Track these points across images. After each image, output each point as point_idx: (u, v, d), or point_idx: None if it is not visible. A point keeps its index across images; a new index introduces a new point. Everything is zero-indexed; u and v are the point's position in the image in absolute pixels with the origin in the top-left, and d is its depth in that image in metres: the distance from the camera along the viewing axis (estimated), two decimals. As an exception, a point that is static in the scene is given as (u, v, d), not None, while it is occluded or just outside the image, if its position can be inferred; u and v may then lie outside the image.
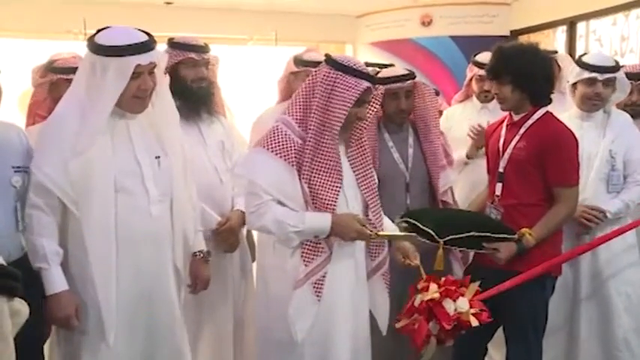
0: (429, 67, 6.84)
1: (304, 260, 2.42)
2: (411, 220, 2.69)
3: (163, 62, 2.42)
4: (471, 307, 2.53)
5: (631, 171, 3.13)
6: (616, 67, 3.15)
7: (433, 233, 2.63)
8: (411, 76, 3.16)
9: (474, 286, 2.58)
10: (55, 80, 3.14)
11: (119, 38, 2.27)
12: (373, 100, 2.86)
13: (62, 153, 2.23)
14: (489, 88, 3.59)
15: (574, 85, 3.20)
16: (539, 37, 6.43)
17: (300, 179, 2.38)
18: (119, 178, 2.29)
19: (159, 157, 2.40)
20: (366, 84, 2.39)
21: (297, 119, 2.43)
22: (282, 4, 6.73)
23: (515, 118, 2.86)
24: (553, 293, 2.91)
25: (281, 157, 2.37)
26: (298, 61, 3.39)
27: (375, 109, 3.01)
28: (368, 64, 3.11)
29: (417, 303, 2.51)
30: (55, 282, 2.25)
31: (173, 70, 3.03)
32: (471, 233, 2.67)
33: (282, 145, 2.38)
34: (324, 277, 2.42)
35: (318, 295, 2.41)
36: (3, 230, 2.23)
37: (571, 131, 2.82)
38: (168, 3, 6.65)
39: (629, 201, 3.10)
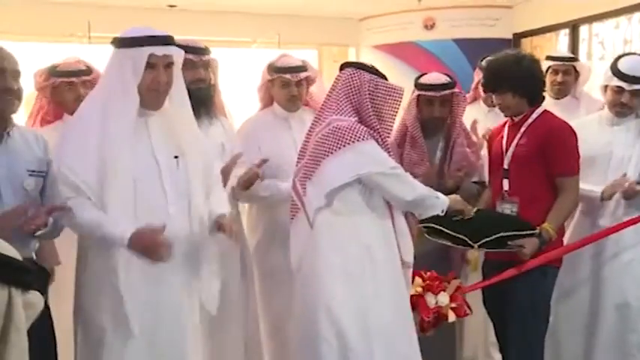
0: (431, 70, 6.80)
1: None
2: (431, 225, 2.81)
3: (180, 61, 2.45)
4: (451, 301, 2.74)
5: None
6: None
7: (467, 239, 2.82)
8: (448, 86, 3.20)
9: (456, 282, 2.82)
10: (57, 84, 3.15)
11: (137, 32, 2.37)
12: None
13: (84, 148, 2.29)
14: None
15: (605, 87, 3.19)
16: (542, 40, 6.44)
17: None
18: (138, 176, 2.32)
19: (177, 157, 2.42)
20: (402, 88, 2.63)
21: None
22: (285, 7, 6.74)
23: (516, 119, 3.02)
24: (554, 284, 2.99)
25: (376, 142, 2.56)
26: (272, 68, 3.32)
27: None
28: None
29: None
30: (124, 229, 2.25)
31: None
32: (501, 234, 2.82)
33: (369, 133, 2.55)
34: None
35: None
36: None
37: (569, 125, 2.97)
38: (172, 6, 6.66)
39: None
